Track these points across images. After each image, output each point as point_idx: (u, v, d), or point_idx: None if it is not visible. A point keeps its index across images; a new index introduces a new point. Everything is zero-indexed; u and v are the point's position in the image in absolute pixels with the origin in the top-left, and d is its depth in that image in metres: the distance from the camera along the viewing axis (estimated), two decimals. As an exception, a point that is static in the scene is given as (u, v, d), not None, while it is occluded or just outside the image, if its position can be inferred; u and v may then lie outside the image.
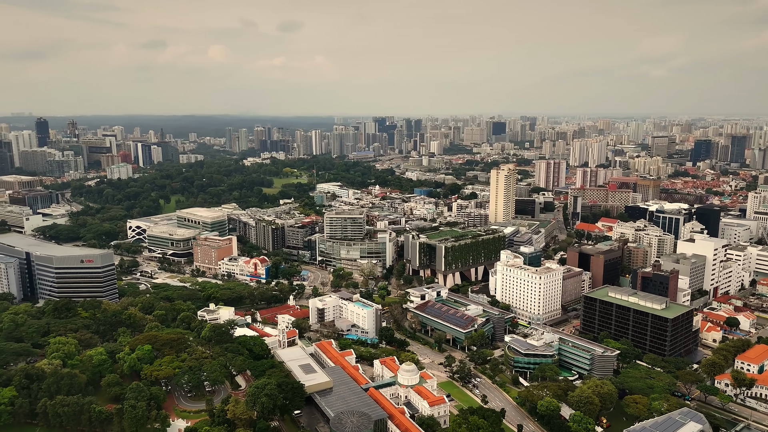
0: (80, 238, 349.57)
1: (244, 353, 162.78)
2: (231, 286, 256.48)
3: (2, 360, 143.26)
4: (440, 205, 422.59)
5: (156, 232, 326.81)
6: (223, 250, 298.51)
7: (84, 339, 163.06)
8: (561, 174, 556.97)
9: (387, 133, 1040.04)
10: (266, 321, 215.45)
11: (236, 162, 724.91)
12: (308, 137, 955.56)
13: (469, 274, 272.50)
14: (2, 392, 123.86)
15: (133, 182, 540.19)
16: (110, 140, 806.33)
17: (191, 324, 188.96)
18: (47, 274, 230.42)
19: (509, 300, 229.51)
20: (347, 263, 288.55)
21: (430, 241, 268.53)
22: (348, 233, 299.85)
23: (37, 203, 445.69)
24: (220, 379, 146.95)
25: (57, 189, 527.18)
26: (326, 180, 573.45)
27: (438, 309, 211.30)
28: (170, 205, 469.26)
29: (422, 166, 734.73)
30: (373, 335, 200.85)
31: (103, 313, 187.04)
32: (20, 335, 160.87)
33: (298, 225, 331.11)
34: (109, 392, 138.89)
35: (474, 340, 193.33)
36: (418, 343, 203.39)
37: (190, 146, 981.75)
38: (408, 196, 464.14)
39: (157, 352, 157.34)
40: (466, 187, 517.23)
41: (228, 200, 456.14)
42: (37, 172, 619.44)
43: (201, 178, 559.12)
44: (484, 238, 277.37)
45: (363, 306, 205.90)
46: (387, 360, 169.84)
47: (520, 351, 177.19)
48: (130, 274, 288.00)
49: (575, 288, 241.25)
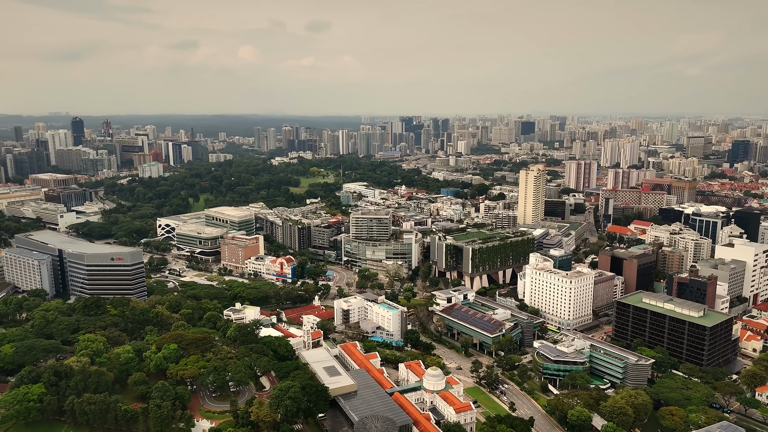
0: (112, 235, 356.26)
1: (269, 354, 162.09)
2: (257, 285, 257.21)
3: (32, 357, 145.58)
4: (467, 205, 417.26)
5: (184, 231, 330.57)
6: (250, 249, 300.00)
7: (112, 337, 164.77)
8: (592, 175, 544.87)
9: (414, 133, 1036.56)
10: (291, 321, 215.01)
11: (264, 161, 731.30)
12: (335, 137, 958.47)
13: (497, 277, 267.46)
14: (32, 389, 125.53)
15: (163, 181, 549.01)
16: (142, 139, 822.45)
17: (217, 323, 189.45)
18: (79, 271, 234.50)
19: (538, 304, 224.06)
20: (373, 264, 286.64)
21: (457, 243, 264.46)
22: (374, 234, 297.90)
23: (72, 201, 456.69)
24: (245, 380, 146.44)
25: (91, 187, 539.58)
26: (352, 180, 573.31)
27: (465, 312, 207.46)
28: (199, 203, 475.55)
29: (449, 166, 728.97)
30: (398, 338, 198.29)
31: (132, 311, 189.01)
32: (50, 332, 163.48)
33: (324, 225, 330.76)
34: (136, 391, 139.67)
35: (502, 345, 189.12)
36: (444, 346, 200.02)
37: (220, 145, 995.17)
38: (434, 197, 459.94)
39: (183, 351, 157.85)
40: (494, 188, 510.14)
41: (255, 199, 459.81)
42: (72, 171, 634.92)
43: (229, 177, 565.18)
44: (512, 240, 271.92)
45: (388, 308, 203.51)
46: (412, 364, 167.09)
47: (549, 357, 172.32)
48: (159, 272, 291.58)
49: (607, 293, 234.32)
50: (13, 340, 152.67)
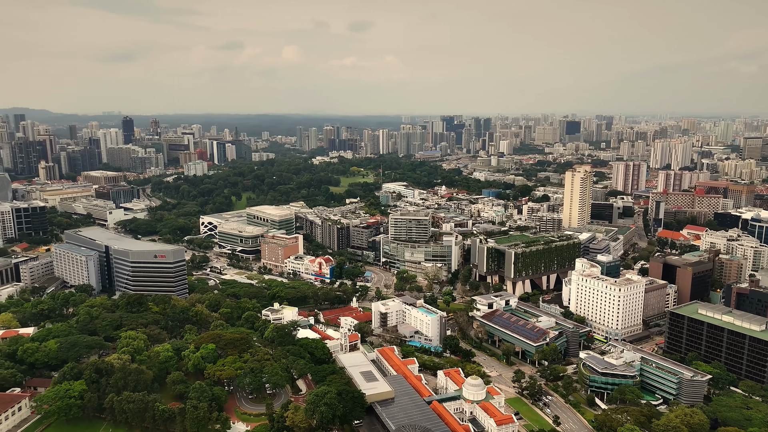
0: (157, 232, 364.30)
1: (306, 356, 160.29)
2: (296, 285, 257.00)
3: (75, 353, 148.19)
4: (509, 207, 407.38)
5: (226, 229, 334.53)
6: (290, 248, 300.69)
7: (153, 334, 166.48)
8: (641, 177, 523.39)
9: (455, 132, 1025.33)
10: (329, 322, 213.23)
11: (305, 160, 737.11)
12: (375, 136, 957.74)
13: (540, 283, 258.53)
14: (73, 386, 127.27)
15: (207, 179, 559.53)
16: (188, 138, 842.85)
17: (255, 324, 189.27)
18: (124, 267, 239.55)
19: (584, 312, 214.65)
20: (411, 266, 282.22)
21: (499, 246, 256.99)
22: (413, 235, 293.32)
23: (120, 198, 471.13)
24: (281, 383, 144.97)
25: (138, 184, 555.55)
26: (392, 179, 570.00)
27: (507, 319, 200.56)
28: (241, 202, 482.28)
29: (491, 166, 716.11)
30: (436, 343, 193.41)
31: (172, 309, 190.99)
32: (94, 328, 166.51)
33: (362, 225, 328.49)
34: (174, 390, 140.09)
35: (545, 355, 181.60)
36: (485, 354, 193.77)
37: (263, 144, 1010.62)
38: (475, 198, 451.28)
39: (220, 351, 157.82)
40: (537, 189, 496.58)
41: (296, 198, 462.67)
42: (121, 168, 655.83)
43: (271, 176, 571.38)
44: (557, 245, 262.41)
45: (427, 312, 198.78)
46: (451, 372, 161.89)
47: (596, 369, 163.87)
48: (201, 270, 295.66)
49: (658, 302, 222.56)
50: (58, 336, 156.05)
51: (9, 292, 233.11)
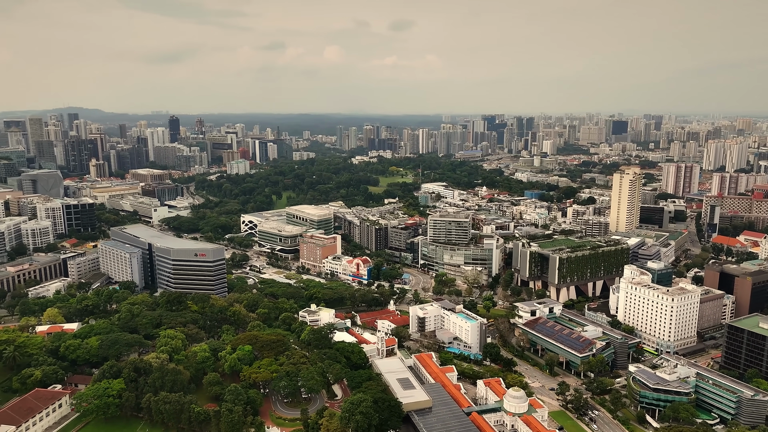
0: (199, 230, 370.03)
1: (342, 361, 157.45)
2: (333, 286, 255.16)
3: (116, 350, 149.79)
4: (553, 209, 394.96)
5: (266, 228, 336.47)
6: (328, 248, 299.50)
7: (191, 334, 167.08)
8: (693, 179, 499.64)
9: (496, 132, 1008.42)
10: (365, 325, 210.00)
11: (345, 160, 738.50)
12: (415, 136, 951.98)
13: (586, 290, 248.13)
14: (112, 384, 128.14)
15: (249, 178, 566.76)
16: (231, 137, 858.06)
17: (292, 325, 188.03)
18: (165, 265, 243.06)
19: (633, 322, 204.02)
20: (450, 269, 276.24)
21: (543, 251, 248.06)
22: (452, 237, 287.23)
23: (165, 195, 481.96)
24: (317, 388, 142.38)
25: (183, 182, 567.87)
26: (431, 180, 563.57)
27: (550, 327, 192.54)
28: (282, 200, 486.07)
29: (533, 166, 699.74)
30: (476, 351, 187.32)
31: (211, 308, 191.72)
32: (135, 325, 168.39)
33: (401, 226, 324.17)
34: (210, 391, 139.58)
35: (591, 366, 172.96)
36: (527, 363, 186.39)
37: (304, 144, 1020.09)
38: (517, 199, 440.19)
39: (257, 352, 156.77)
40: (583, 191, 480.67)
41: (335, 198, 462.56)
42: (167, 166, 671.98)
43: (311, 175, 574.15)
44: (604, 250, 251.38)
45: (467, 318, 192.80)
46: (492, 381, 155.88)
47: (648, 384, 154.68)
48: (240, 268, 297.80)
49: (714, 313, 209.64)
50: (100, 333, 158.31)
51: (57, 287, 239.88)
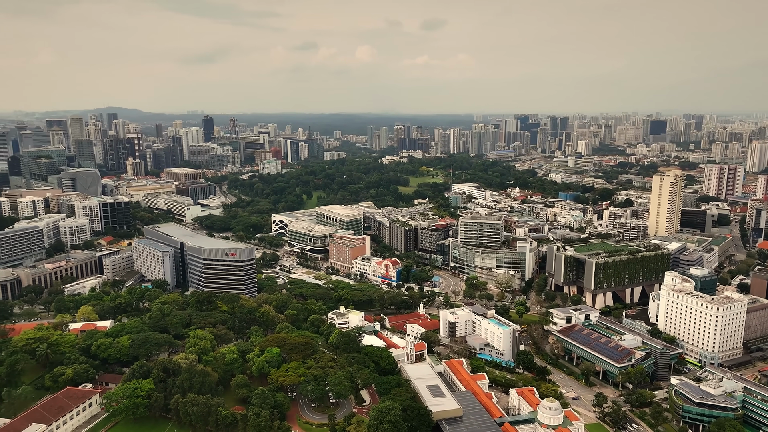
0: (231, 229, 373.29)
1: (371, 366, 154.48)
2: (362, 287, 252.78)
3: (146, 350, 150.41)
4: (588, 212, 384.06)
5: (296, 228, 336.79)
6: (357, 249, 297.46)
7: (220, 334, 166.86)
8: (737, 181, 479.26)
9: (529, 132, 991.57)
10: (394, 329, 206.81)
11: (375, 160, 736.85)
12: (446, 135, 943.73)
13: (624, 296, 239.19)
14: (141, 384, 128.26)
15: (280, 177, 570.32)
16: (264, 137, 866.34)
17: (320, 327, 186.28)
18: (197, 264, 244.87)
19: (675, 331, 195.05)
20: (482, 272, 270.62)
21: (579, 255, 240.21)
22: (484, 239, 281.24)
23: (198, 194, 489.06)
24: (345, 393, 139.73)
25: (216, 181, 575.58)
26: (462, 180, 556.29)
27: (586, 335, 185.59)
28: (312, 200, 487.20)
29: (567, 167, 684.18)
30: (508, 358, 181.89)
31: (240, 308, 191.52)
32: (165, 325, 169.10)
33: (431, 227, 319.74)
34: (237, 393, 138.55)
35: (630, 377, 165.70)
36: (561, 372, 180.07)
37: (335, 143, 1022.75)
38: (551, 201, 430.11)
39: (285, 354, 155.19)
40: (619, 193, 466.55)
41: (365, 198, 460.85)
42: (201, 165, 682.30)
43: (342, 175, 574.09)
44: (643, 255, 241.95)
45: (499, 324, 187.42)
46: (525, 391, 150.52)
47: (691, 398, 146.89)
48: (270, 268, 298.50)
49: (762, 324, 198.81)
50: (131, 332, 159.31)
51: (92, 284, 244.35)
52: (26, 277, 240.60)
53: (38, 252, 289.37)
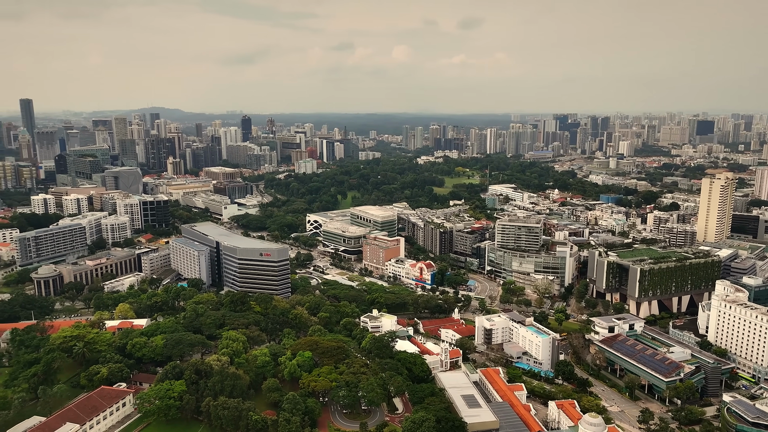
0: (266, 228, 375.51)
1: (404, 373, 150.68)
2: (395, 290, 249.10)
3: (179, 351, 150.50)
4: (632, 215, 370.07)
5: (330, 228, 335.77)
6: (391, 250, 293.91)
7: (253, 336, 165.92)
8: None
9: (568, 132, 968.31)
10: (428, 334, 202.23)
11: (410, 160, 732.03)
12: (483, 135, 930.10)
13: (670, 305, 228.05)
14: (174, 386, 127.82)
15: (316, 177, 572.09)
16: (300, 137, 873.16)
17: (353, 331, 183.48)
18: (232, 264, 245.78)
19: (726, 344, 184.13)
20: (519, 276, 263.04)
21: (622, 261, 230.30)
22: (522, 243, 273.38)
23: (235, 193, 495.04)
24: (377, 401, 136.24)
25: (253, 181, 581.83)
26: (499, 181, 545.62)
27: (631, 346, 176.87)
28: (346, 200, 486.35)
29: (609, 168, 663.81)
30: (547, 368, 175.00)
31: (273, 309, 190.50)
32: (199, 325, 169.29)
33: (467, 230, 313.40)
34: (269, 397, 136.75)
35: (679, 392, 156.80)
36: (603, 384, 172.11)
37: (370, 143, 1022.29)
38: (592, 203, 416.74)
39: (317, 358, 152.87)
40: (664, 196, 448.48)
41: (399, 199, 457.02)
42: (239, 165, 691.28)
43: (376, 175, 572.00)
44: (692, 262, 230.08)
45: (538, 332, 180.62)
46: (565, 404, 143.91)
47: (745, 417, 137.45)
48: (304, 268, 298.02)
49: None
50: (165, 332, 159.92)
51: (131, 281, 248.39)
52: (68, 274, 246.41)
53: (81, 249, 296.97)
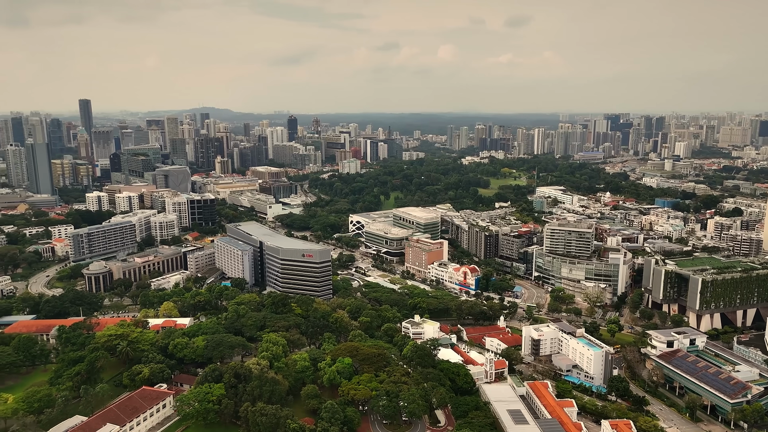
0: (310, 228, 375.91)
1: (447, 384, 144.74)
2: (438, 295, 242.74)
3: (219, 352, 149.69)
4: (690, 221, 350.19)
5: (372, 229, 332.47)
6: (434, 253, 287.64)
7: (292, 339, 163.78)
8: None
9: (620, 132, 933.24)
10: (472, 342, 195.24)
11: (455, 160, 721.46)
12: (530, 135, 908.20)
13: (734, 318, 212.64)
14: (213, 389, 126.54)
15: (359, 177, 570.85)
16: (344, 137, 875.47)
17: (394, 337, 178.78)
18: (274, 264, 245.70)
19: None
20: (568, 284, 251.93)
21: (682, 270, 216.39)
22: (572, 249, 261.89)
23: (280, 192, 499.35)
24: (419, 413, 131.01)
25: (297, 180, 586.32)
26: (547, 183, 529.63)
27: (692, 363, 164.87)
28: (389, 201, 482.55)
29: (664, 171, 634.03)
30: (599, 383, 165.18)
31: (314, 312, 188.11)
32: (240, 326, 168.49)
33: (513, 233, 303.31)
34: (307, 404, 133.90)
35: (746, 416, 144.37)
36: (661, 402, 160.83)
37: (414, 143, 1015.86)
38: (647, 207, 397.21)
39: (356, 365, 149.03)
40: (726, 200, 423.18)
41: (443, 200, 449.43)
42: (284, 164, 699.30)
43: (420, 175, 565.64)
44: (759, 273, 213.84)
45: (589, 345, 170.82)
46: (620, 424, 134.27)
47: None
48: (346, 269, 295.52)
49: None
50: (206, 333, 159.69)
51: (176, 279, 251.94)
52: (117, 270, 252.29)
53: (131, 246, 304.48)
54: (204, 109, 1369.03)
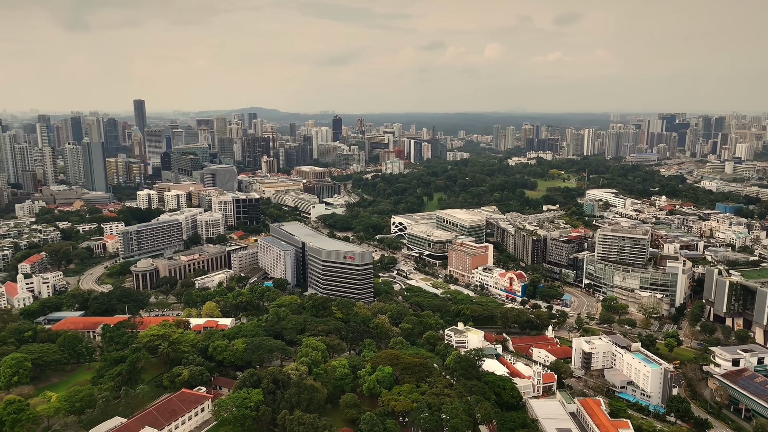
0: (352, 228, 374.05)
1: (491, 398, 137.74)
2: (483, 301, 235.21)
3: (258, 356, 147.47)
4: (755, 228, 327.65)
5: (415, 231, 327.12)
6: (478, 258, 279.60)
7: (332, 344, 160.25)
8: None
9: (676, 133, 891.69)
10: (518, 353, 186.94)
11: (500, 161, 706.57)
12: (579, 136, 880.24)
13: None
14: (251, 394, 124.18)
15: (402, 177, 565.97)
16: (388, 137, 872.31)
17: (436, 345, 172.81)
18: (316, 265, 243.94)
19: None
20: (621, 293, 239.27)
21: (748, 282, 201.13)
22: (626, 256, 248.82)
23: (324, 192, 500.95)
24: (461, 428, 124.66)
25: (341, 180, 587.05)
26: (598, 185, 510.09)
27: (761, 384, 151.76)
28: (433, 202, 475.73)
29: (724, 173, 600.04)
30: (657, 402, 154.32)
31: (354, 316, 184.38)
32: (280, 329, 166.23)
33: (563, 238, 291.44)
34: (346, 414, 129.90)
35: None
36: (726, 426, 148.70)
37: (458, 143, 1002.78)
38: (706, 213, 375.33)
39: (397, 374, 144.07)
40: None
41: (488, 202, 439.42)
42: (328, 164, 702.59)
43: (464, 176, 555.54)
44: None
45: (646, 361, 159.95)
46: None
47: None
48: (388, 271, 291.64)
49: None
50: (246, 335, 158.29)
51: (220, 278, 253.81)
52: (163, 268, 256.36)
53: (177, 244, 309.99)
54: (252, 109, 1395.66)
